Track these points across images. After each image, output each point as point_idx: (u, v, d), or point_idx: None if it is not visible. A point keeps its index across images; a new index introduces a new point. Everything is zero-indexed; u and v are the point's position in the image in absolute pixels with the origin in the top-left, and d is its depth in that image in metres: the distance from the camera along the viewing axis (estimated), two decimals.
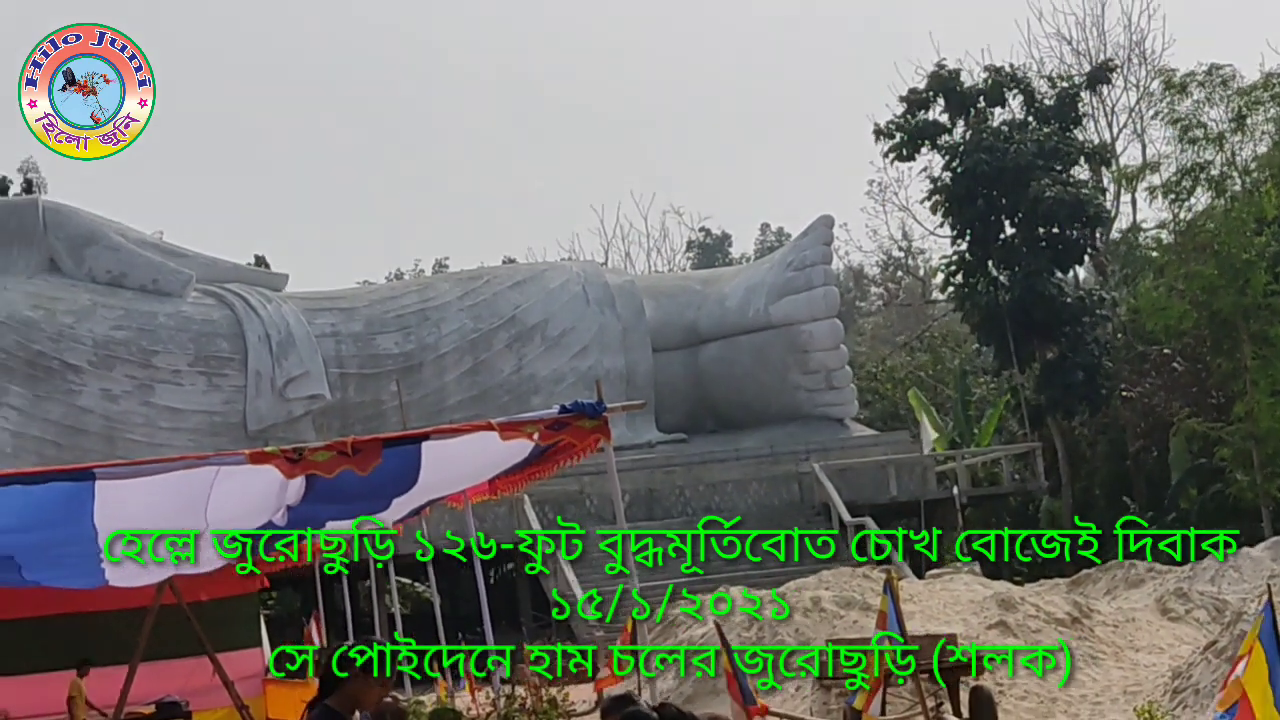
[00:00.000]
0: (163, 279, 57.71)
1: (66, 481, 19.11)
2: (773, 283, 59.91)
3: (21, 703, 33.89)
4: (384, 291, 64.37)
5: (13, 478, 18.95)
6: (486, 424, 20.00)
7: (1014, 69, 66.47)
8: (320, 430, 52.95)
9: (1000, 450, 61.37)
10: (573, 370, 57.11)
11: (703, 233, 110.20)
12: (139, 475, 19.20)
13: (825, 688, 24.26)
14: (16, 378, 54.42)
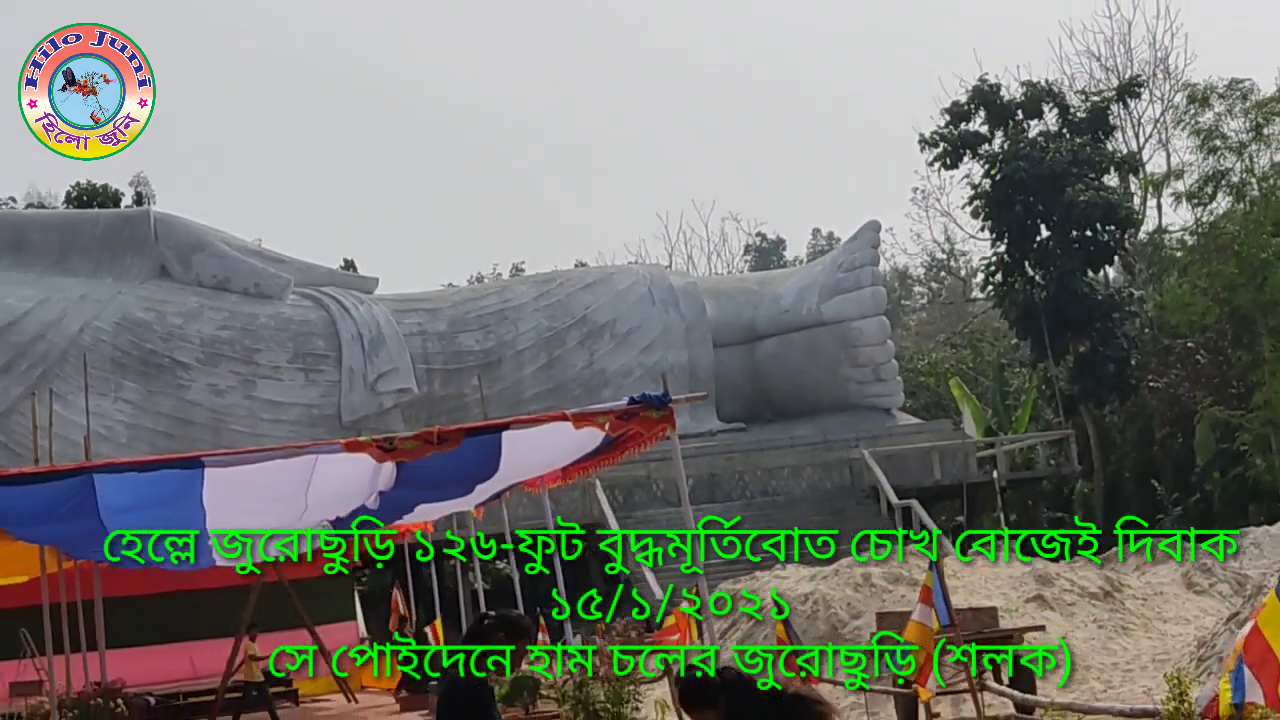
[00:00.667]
0: (264, 283, 57.99)
1: (178, 469, 19.24)
2: (824, 283, 59.84)
3: (136, 672, 34.16)
4: (466, 293, 64.46)
5: (128, 466, 19.08)
6: (561, 415, 20.02)
7: (1049, 84, 66.39)
8: (408, 421, 53.12)
9: (1036, 437, 61.24)
10: (640, 365, 57.12)
11: (759, 237, 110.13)
12: (244, 463, 19.32)
13: None
14: (131, 374, 54.78)
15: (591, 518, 49.49)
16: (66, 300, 55.25)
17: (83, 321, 54.88)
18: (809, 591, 30.07)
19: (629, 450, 22.06)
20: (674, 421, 19.66)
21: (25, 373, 53.45)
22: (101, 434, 49.00)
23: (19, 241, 57.27)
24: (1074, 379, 62.83)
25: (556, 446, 21.01)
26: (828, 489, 54.04)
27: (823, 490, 53.97)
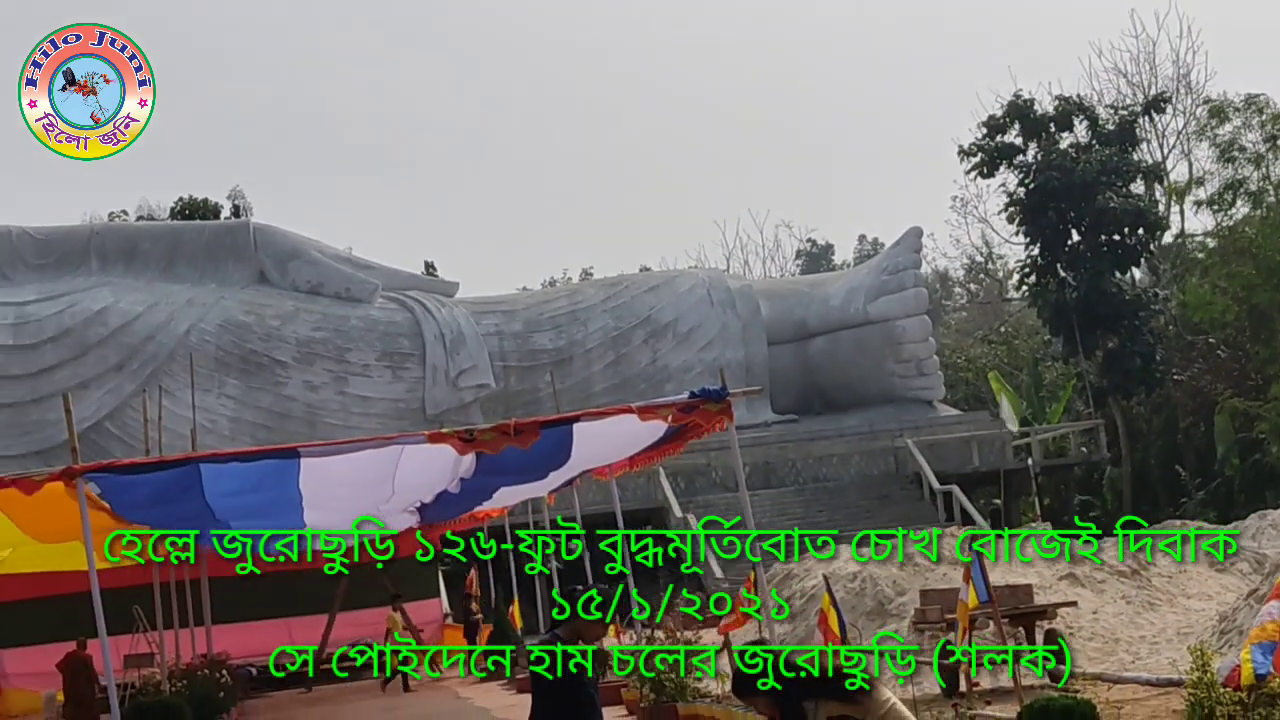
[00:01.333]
0: (354, 287, 58.26)
1: (276, 459, 19.36)
2: (870, 285, 59.76)
3: (239, 645, 34.41)
4: (539, 296, 64.60)
5: (231, 456, 19.21)
6: (628, 408, 20.06)
7: (1079, 99, 66.12)
8: (487, 414, 53.22)
9: (1068, 426, 61.04)
10: (700, 361, 57.10)
11: (809, 243, 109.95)
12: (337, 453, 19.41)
13: (919, 630, 24.19)
14: (233, 372, 55.14)
15: (656, 503, 49.56)
16: (174, 304, 55.63)
17: (189, 324, 55.26)
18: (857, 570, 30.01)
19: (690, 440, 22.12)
20: (731, 414, 19.66)
21: (137, 371, 53.85)
22: (206, 427, 49.33)
23: (131, 251, 57.72)
24: (1103, 373, 62.61)
25: (623, 437, 21.06)
26: (874, 475, 53.95)
27: (869, 476, 53.88)
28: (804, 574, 32.17)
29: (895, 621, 26.23)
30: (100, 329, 54.49)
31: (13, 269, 56.30)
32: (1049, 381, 68.58)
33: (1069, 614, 24.37)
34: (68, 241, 57.71)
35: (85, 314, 54.67)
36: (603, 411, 20.78)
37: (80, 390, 49.50)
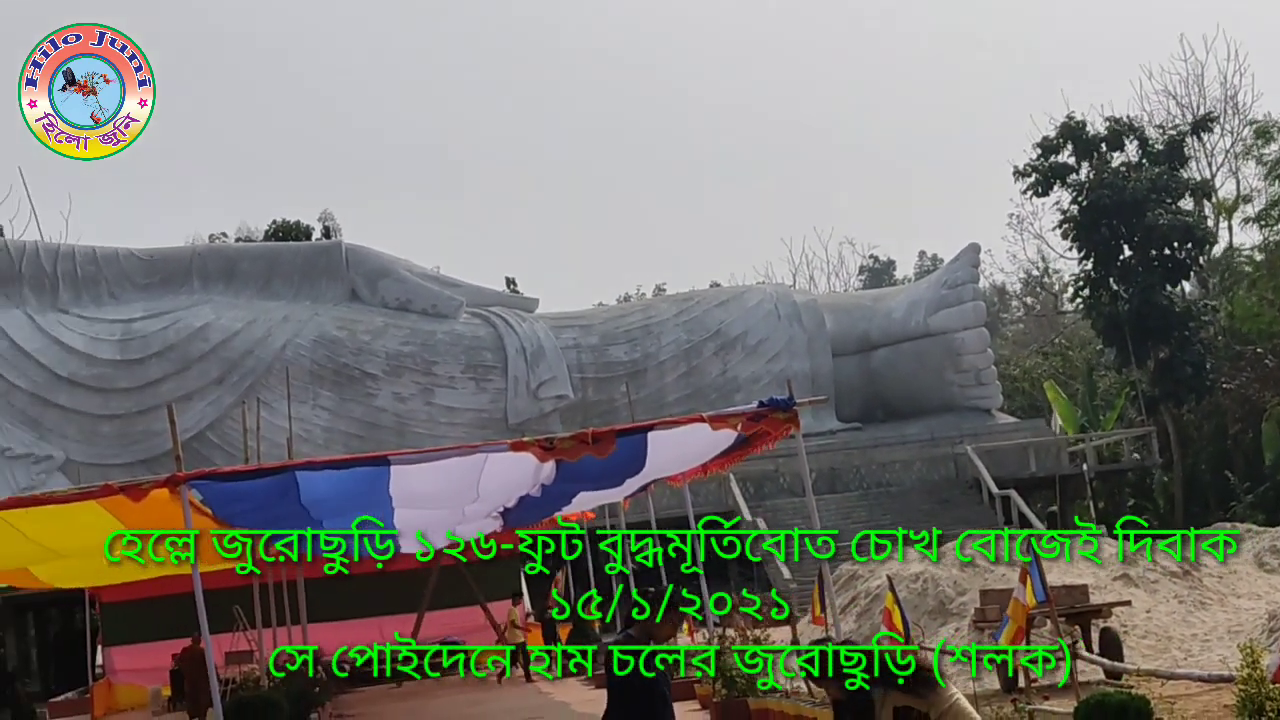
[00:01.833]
0: (440, 304, 58.52)
1: (368, 466, 19.43)
2: (930, 299, 59.55)
3: (334, 643, 34.57)
4: (615, 311, 64.65)
5: (326, 464, 19.30)
6: (699, 417, 20.03)
7: (1130, 120, 65.67)
8: (565, 423, 53.35)
9: (1121, 433, 60.65)
10: (767, 373, 57.01)
11: (872, 259, 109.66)
12: (425, 461, 19.46)
13: (979, 628, 24.05)
14: (326, 384, 55.48)
15: (726, 507, 49.47)
16: (271, 321, 56.03)
17: (285, 339, 55.65)
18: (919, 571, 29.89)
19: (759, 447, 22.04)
20: (798, 422, 19.62)
21: (236, 384, 54.25)
22: (302, 436, 49.63)
23: (231, 270, 58.20)
24: (1155, 381, 62.15)
25: (696, 445, 21.02)
26: (935, 480, 53.70)
27: (930, 482, 53.64)
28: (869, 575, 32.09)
29: (956, 620, 26.11)
30: (202, 344, 54.95)
31: (121, 288, 56.87)
32: (1103, 390, 68.13)
33: (1123, 613, 24.20)
34: (172, 262, 58.24)
35: (188, 330, 55.15)
36: (676, 421, 20.74)
37: (183, 402, 49.89)
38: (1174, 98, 73.11)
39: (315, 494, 19.92)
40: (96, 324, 55.22)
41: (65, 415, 53.58)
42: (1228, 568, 29.44)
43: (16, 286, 55.71)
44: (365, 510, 21.47)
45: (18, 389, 53.34)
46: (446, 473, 20.20)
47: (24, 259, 56.38)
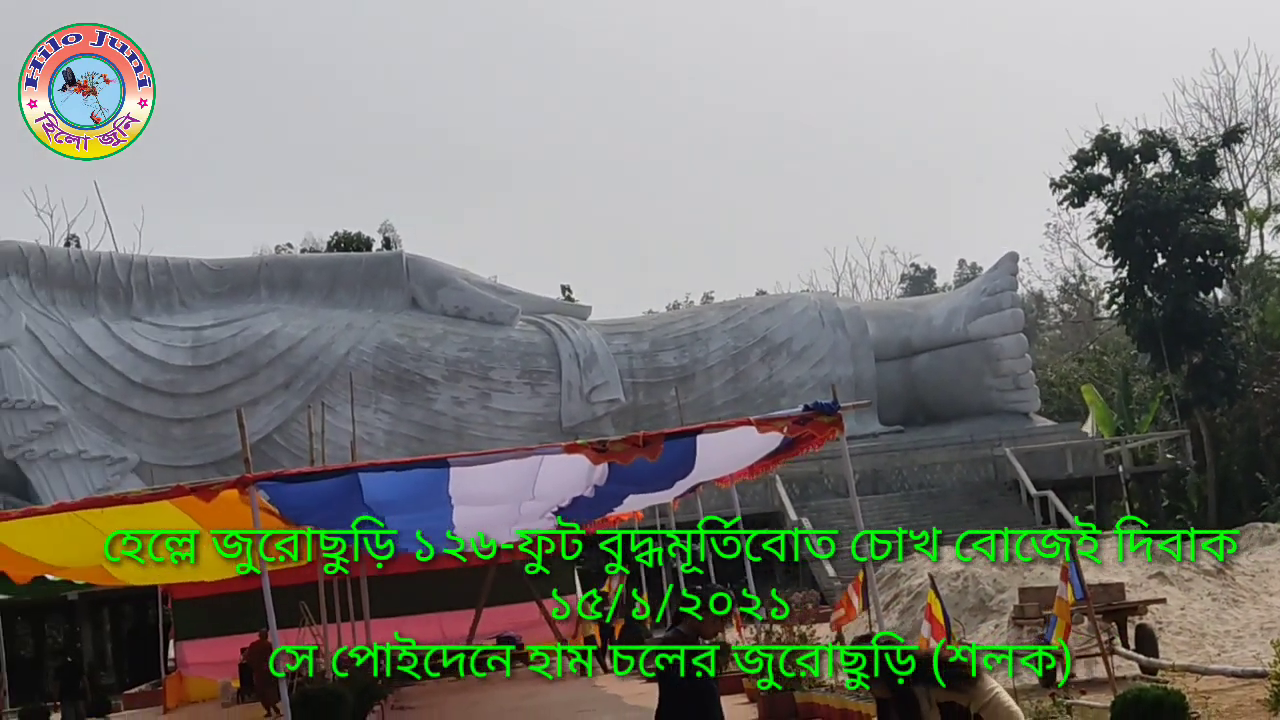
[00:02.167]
0: (496, 312, 58.65)
1: (428, 468, 19.48)
2: (970, 306, 59.36)
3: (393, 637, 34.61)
4: (664, 318, 64.67)
5: (388, 466, 19.36)
6: (747, 420, 20.00)
7: (1163, 132, 65.35)
8: (617, 426, 53.37)
9: (1156, 436, 60.33)
10: (812, 377, 56.91)
11: (913, 267, 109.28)
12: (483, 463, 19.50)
13: (1018, 625, 23.94)
14: (388, 389, 55.68)
15: (772, 507, 49.40)
16: (335, 328, 56.28)
17: (349, 346, 55.88)
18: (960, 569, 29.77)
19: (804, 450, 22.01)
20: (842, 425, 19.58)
21: (302, 389, 54.50)
22: (364, 439, 49.80)
23: (297, 280, 58.49)
24: (1188, 386, 61.82)
25: (743, 447, 21.01)
26: (975, 482, 53.51)
27: (970, 483, 53.44)
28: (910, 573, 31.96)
29: (996, 617, 25.98)
30: (269, 351, 55.24)
31: (191, 297, 57.23)
32: (1138, 394, 67.77)
33: (1158, 610, 24.04)
34: (240, 272, 58.57)
35: (256, 337, 55.45)
36: (724, 424, 20.73)
37: (251, 407, 50.12)
38: (1206, 110, 72.72)
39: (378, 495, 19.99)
40: (169, 331, 55.57)
41: (139, 419, 53.94)
42: (1260, 566, 29.22)
43: (92, 296, 56.14)
44: (426, 509, 21.56)
45: (94, 394, 53.73)
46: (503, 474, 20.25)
47: (99, 269, 56.81)
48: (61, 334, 54.51)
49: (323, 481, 19.37)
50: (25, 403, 52.61)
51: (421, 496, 20.34)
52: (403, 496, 20.12)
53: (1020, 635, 23.87)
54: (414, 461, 20.28)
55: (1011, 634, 24.45)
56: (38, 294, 55.47)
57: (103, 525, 18.88)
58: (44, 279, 55.88)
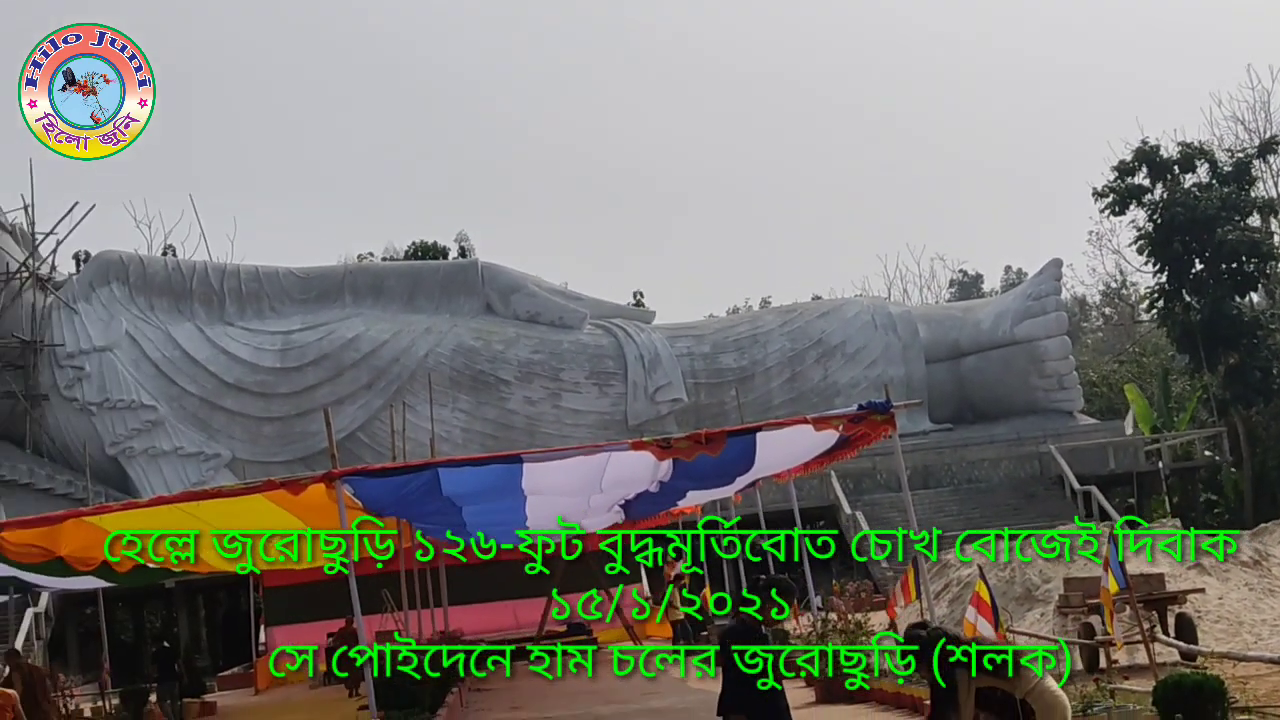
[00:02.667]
0: (566, 316, 58.79)
1: (502, 464, 19.53)
2: (1016, 310, 59.06)
3: (471, 623, 34.78)
4: (724, 322, 64.64)
5: (465, 461, 19.46)
6: (804, 419, 19.97)
7: (1200, 144, 64.74)
8: (680, 424, 53.39)
9: (1194, 433, 59.85)
10: (865, 378, 56.74)
11: (961, 273, 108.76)
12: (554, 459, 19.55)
13: (1063, 614, 23.80)
14: (464, 389, 55.89)
15: (828, 501, 49.26)
16: (415, 332, 56.56)
17: (427, 348, 56.15)
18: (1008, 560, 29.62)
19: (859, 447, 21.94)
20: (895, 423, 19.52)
21: (384, 389, 54.80)
22: (442, 436, 50.00)
23: (379, 287, 58.84)
24: (1225, 385, 61.28)
25: (800, 444, 20.95)
26: (1021, 477, 53.20)
27: (1016, 478, 53.14)
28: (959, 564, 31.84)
29: (1042, 606, 25.85)
30: (353, 353, 55.57)
31: (280, 303, 57.66)
32: (1176, 394, 67.15)
33: (1197, 599, 23.86)
34: (325, 280, 58.96)
35: (340, 341, 55.80)
36: (782, 423, 20.68)
37: (336, 406, 50.42)
38: (1242, 123, 72.02)
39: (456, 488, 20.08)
40: (259, 335, 56.01)
41: (231, 418, 54.38)
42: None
43: (188, 302, 56.65)
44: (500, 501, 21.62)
45: (189, 394, 54.22)
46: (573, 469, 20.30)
47: (194, 277, 57.33)
48: (159, 338, 55.04)
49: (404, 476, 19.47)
50: (125, 402, 53.15)
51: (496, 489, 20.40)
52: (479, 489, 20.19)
53: (1065, 624, 23.75)
54: (489, 458, 20.36)
55: (1056, 622, 24.32)
56: (137, 300, 56.03)
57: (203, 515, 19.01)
58: (143, 286, 56.44)
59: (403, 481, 19.44)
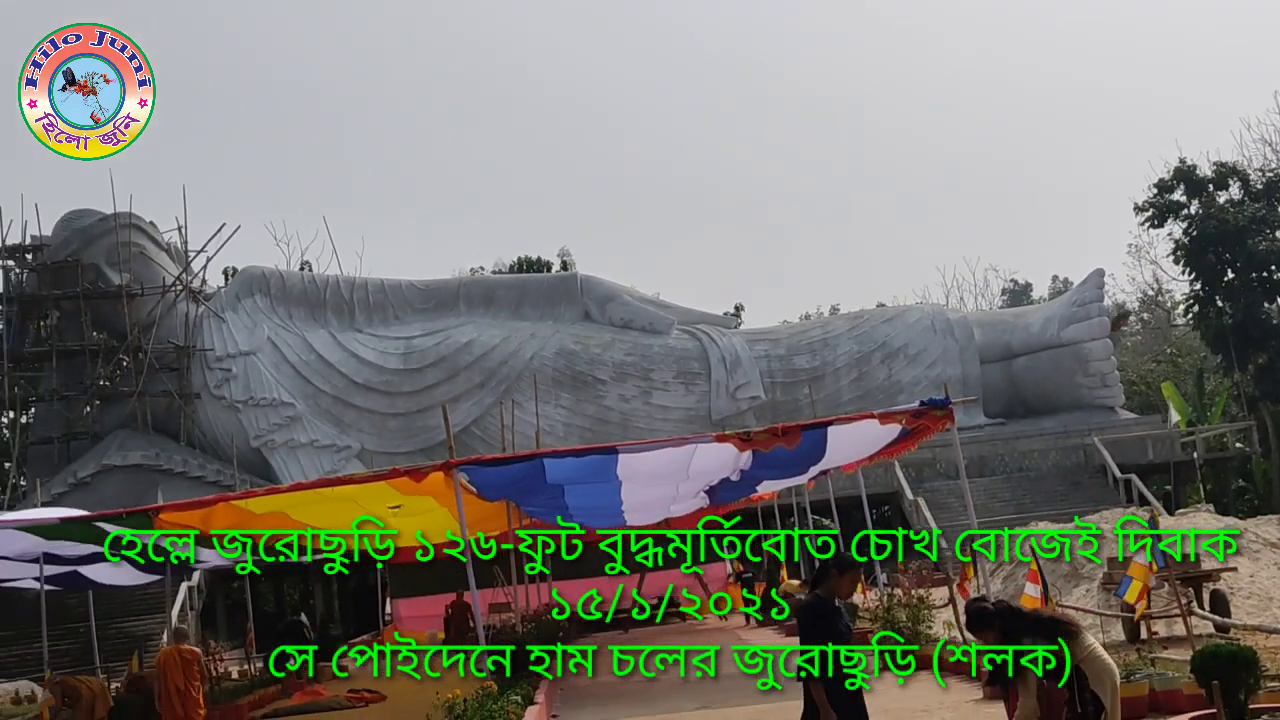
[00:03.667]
0: (656, 323, 58.82)
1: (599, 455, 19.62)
2: (1062, 315, 58.46)
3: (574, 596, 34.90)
4: (798, 328, 64.32)
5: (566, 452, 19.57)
6: (870, 414, 19.92)
7: (1233, 164, 63.84)
8: (758, 419, 53.22)
9: (1226, 426, 58.92)
10: (926, 378, 56.30)
11: (1011, 282, 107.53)
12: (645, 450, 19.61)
13: (1106, 590, 23.53)
14: (565, 388, 56.08)
15: (892, 488, 48.96)
16: (521, 337, 56.83)
17: (533, 352, 56.39)
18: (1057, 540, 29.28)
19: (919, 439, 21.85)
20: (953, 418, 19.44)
21: (494, 388, 55.11)
22: (546, 430, 50.27)
23: (490, 297, 59.21)
24: (1255, 383, 60.43)
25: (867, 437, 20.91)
26: (1067, 466, 52.57)
27: (1063, 467, 52.53)
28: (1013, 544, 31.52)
29: (1086, 583, 25.56)
30: (467, 356, 55.93)
31: (403, 312, 58.19)
32: (1210, 390, 66.19)
33: (1230, 577, 23.50)
34: (442, 291, 59.39)
35: (456, 345, 56.18)
36: (851, 418, 20.64)
37: (452, 403, 50.73)
38: (1269, 145, 70.82)
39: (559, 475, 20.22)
40: (384, 341, 56.51)
41: (360, 414, 54.89)
42: None
43: (322, 311, 57.29)
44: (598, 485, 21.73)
45: (323, 393, 54.81)
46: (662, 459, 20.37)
47: (327, 289, 57.96)
48: (297, 343, 55.68)
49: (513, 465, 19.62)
50: (267, 400, 53.81)
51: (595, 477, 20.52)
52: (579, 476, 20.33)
53: (1109, 599, 23.46)
54: (588, 449, 20.49)
55: (1100, 597, 24.04)
56: (277, 310, 56.72)
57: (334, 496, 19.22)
58: (282, 297, 57.13)
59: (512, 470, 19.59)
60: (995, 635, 8.17)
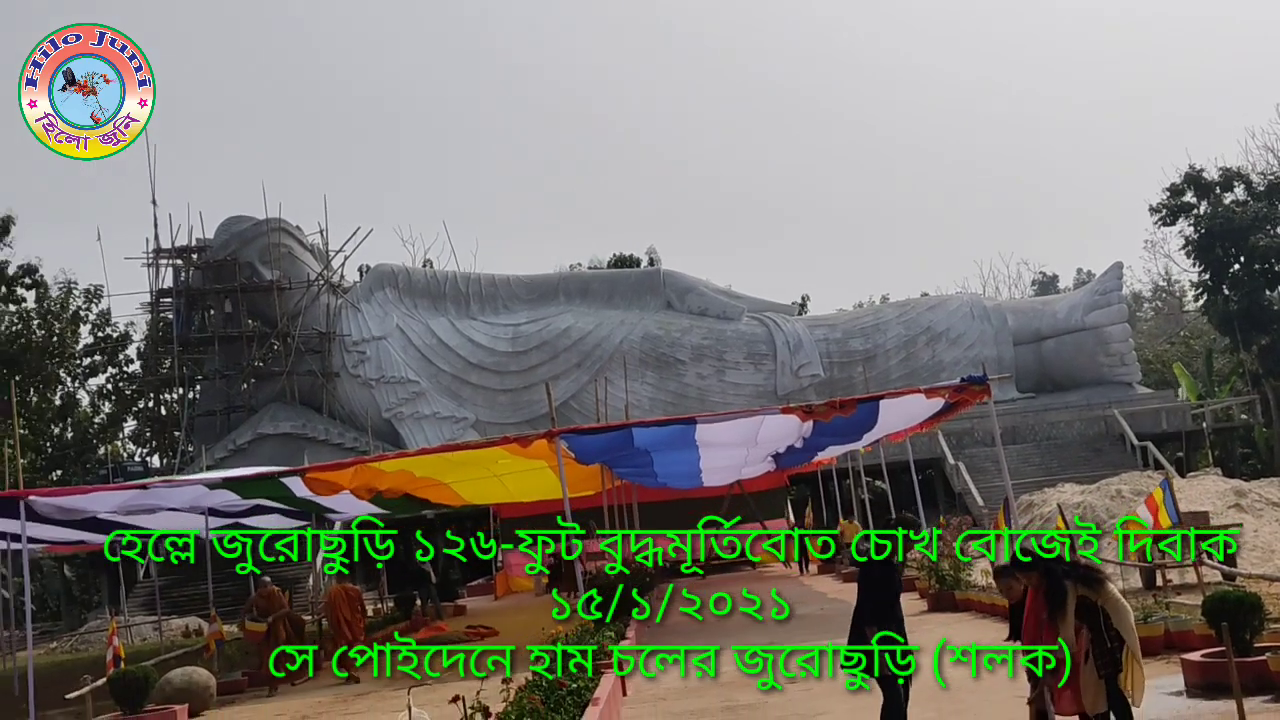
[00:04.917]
0: (728, 311, 58.66)
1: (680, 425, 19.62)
2: (1086, 303, 57.66)
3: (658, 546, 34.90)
4: (852, 314, 63.81)
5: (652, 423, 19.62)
6: (917, 389, 19.78)
7: (1238, 169, 62.55)
8: (818, 394, 52.95)
9: (1233, 400, 57.91)
10: (965, 358, 55.70)
11: (1040, 274, 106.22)
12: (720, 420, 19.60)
13: None
14: (650, 368, 56.11)
15: (935, 454, 48.51)
16: (612, 324, 56.93)
17: (622, 336, 56.47)
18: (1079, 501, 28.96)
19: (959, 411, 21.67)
20: (989, 393, 19.26)
21: (589, 367, 55.27)
22: (633, 404, 50.37)
23: (585, 289, 59.34)
24: (1259, 361, 59.27)
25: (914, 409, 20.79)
26: (1090, 435, 51.86)
27: (1086, 436, 51.82)
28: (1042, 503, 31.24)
29: (1107, 538, 25.23)
30: (566, 341, 56.13)
31: (511, 302, 58.49)
32: (1218, 369, 65.00)
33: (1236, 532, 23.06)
34: (544, 284, 59.61)
35: (556, 331, 56.40)
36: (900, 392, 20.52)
37: (554, 381, 51.01)
38: (1271, 151, 69.34)
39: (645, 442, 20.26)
40: (495, 327, 56.86)
41: (475, 390, 55.30)
42: None
43: (442, 302, 57.77)
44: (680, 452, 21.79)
45: (444, 372, 55.29)
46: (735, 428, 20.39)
47: (446, 283, 58.43)
48: (421, 329, 56.19)
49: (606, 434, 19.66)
50: (397, 378, 54.37)
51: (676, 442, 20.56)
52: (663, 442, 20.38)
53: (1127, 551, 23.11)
54: (670, 420, 20.53)
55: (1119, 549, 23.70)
56: (404, 301, 57.25)
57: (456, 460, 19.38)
58: (408, 290, 57.65)
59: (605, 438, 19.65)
60: (1039, 577, 8.10)
